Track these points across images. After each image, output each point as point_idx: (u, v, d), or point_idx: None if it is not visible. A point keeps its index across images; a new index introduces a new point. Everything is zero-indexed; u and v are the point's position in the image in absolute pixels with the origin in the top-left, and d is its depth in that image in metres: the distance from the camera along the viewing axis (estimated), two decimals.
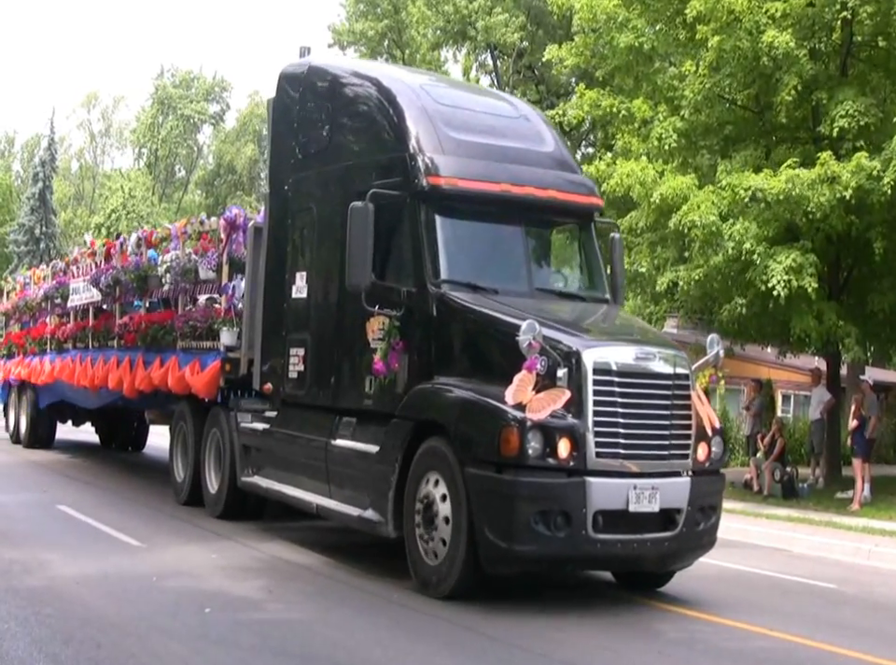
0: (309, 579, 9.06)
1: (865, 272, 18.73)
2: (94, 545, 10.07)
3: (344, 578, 9.11)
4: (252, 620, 7.42)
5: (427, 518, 8.41)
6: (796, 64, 16.81)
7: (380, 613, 7.97)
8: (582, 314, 9.27)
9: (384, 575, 9.13)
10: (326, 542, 10.70)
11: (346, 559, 9.82)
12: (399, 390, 8.99)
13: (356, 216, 8.94)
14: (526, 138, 10.06)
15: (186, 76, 74.90)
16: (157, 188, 74.54)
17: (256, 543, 10.49)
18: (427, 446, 8.49)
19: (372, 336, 9.19)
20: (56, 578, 8.46)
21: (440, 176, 9.05)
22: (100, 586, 8.30)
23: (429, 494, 8.39)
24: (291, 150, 10.89)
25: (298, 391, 10.55)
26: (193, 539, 10.59)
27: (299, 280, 10.53)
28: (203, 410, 12.60)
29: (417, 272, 8.99)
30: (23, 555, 9.32)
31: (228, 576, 8.84)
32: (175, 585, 8.45)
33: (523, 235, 9.53)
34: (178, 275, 12.87)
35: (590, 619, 8.08)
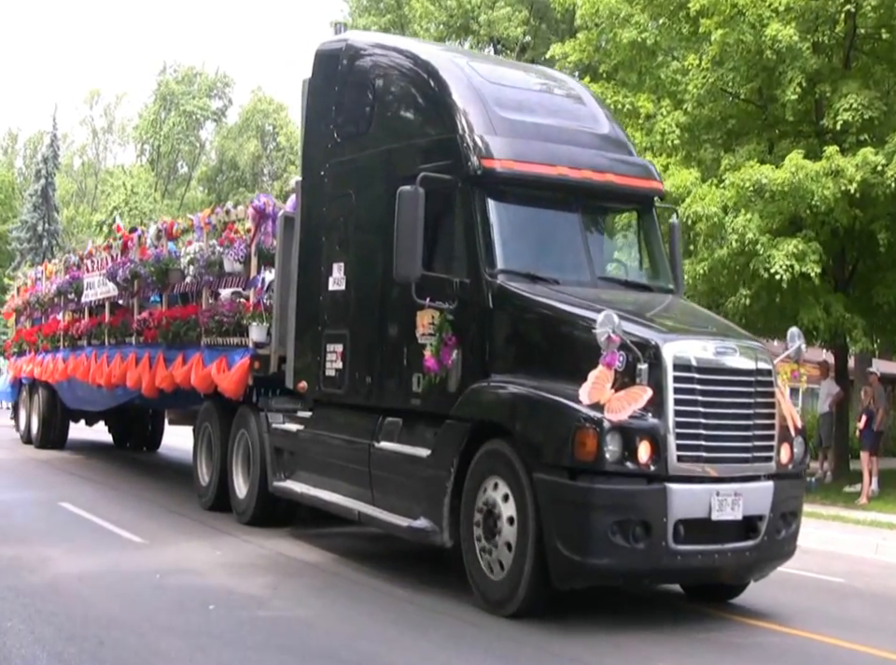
0: (313, 576, 8.99)
1: (870, 265, 18.83)
2: (97, 543, 10.02)
3: (349, 575, 9.02)
4: (256, 617, 7.38)
5: (489, 528, 7.75)
6: (799, 58, 16.81)
7: (385, 609, 7.86)
8: (651, 305, 8.58)
9: (388, 571, 9.08)
10: (330, 538, 10.53)
11: (350, 556, 9.75)
12: (452, 389, 8.32)
13: (404, 201, 8.27)
14: (580, 118, 9.40)
15: (188, 72, 74.70)
16: (159, 184, 74.33)
17: (260, 539, 10.38)
18: (488, 450, 7.83)
19: (422, 331, 8.51)
20: (59, 575, 8.42)
21: (493, 159, 8.38)
22: (103, 583, 8.26)
23: (491, 501, 7.73)
24: (328, 133, 10.20)
25: (335, 390, 9.87)
26: (196, 536, 10.54)
27: (336, 272, 9.84)
28: (230, 410, 11.94)
29: (471, 261, 8.31)
30: (26, 552, 9.29)
31: (231, 573, 8.78)
32: (178, 582, 8.39)
33: (581, 222, 8.85)
34: (203, 268, 12.18)
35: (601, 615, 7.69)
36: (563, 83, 10.18)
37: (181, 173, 79.08)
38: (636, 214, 9.44)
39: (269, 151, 74.83)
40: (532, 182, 8.53)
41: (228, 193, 69.99)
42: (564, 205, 8.81)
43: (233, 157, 73.26)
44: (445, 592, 8.37)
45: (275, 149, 74.63)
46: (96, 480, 14.98)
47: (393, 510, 8.79)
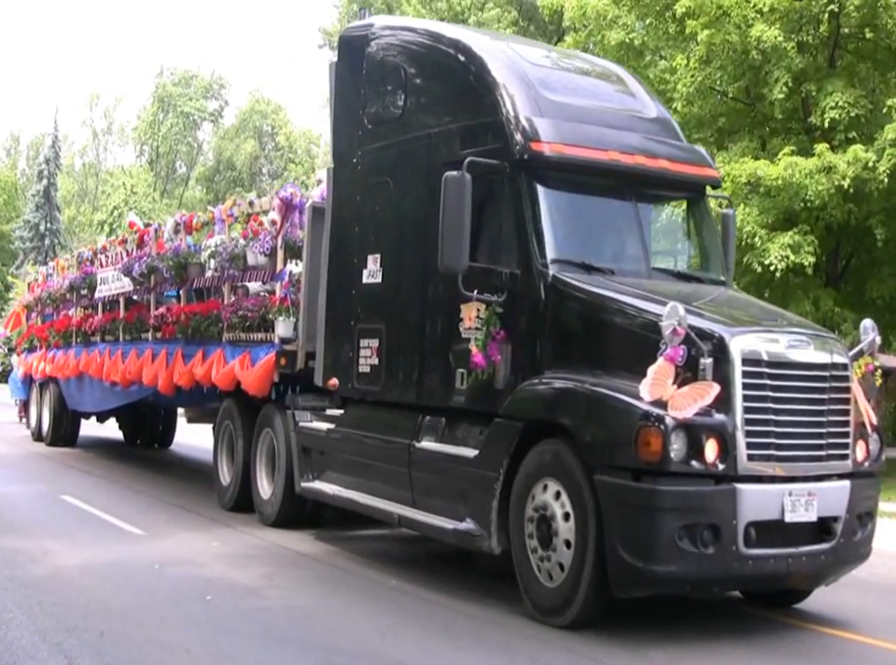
0: (309, 566, 9.05)
1: (865, 260, 18.91)
2: (97, 535, 10.11)
3: (344, 565, 9.05)
4: (253, 607, 7.44)
5: (543, 532, 7.31)
6: (785, 58, 17.01)
7: (380, 599, 7.91)
8: (712, 297, 8.12)
9: (383, 562, 9.13)
10: (324, 529, 10.52)
11: (345, 546, 9.78)
12: (500, 386, 7.88)
13: (451, 187, 7.82)
14: (627, 101, 8.97)
15: (185, 74, 74.93)
16: (158, 184, 74.41)
17: (256, 530, 10.50)
18: (542, 450, 7.38)
19: (469, 325, 8.06)
20: (59, 567, 8.50)
21: (541, 142, 7.91)
22: (103, 574, 8.33)
23: (546, 505, 7.28)
24: (358, 120, 9.74)
25: (370, 387, 9.41)
26: (194, 527, 10.64)
27: (371, 264, 9.38)
28: (253, 408, 11.50)
29: (521, 251, 7.87)
30: (27, 544, 9.37)
31: (228, 564, 8.86)
32: (176, 573, 8.48)
33: (633, 210, 8.38)
34: (225, 262, 11.72)
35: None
36: (604, 66, 9.76)
37: (179, 173, 79.33)
38: (687, 202, 8.98)
39: (267, 151, 74.78)
40: (583, 167, 8.08)
41: (225, 193, 69.96)
42: (615, 192, 8.36)
43: (230, 157, 73.44)
44: (440, 583, 8.35)
45: (274, 149, 74.54)
46: (96, 474, 14.99)
47: (435, 513, 8.35)
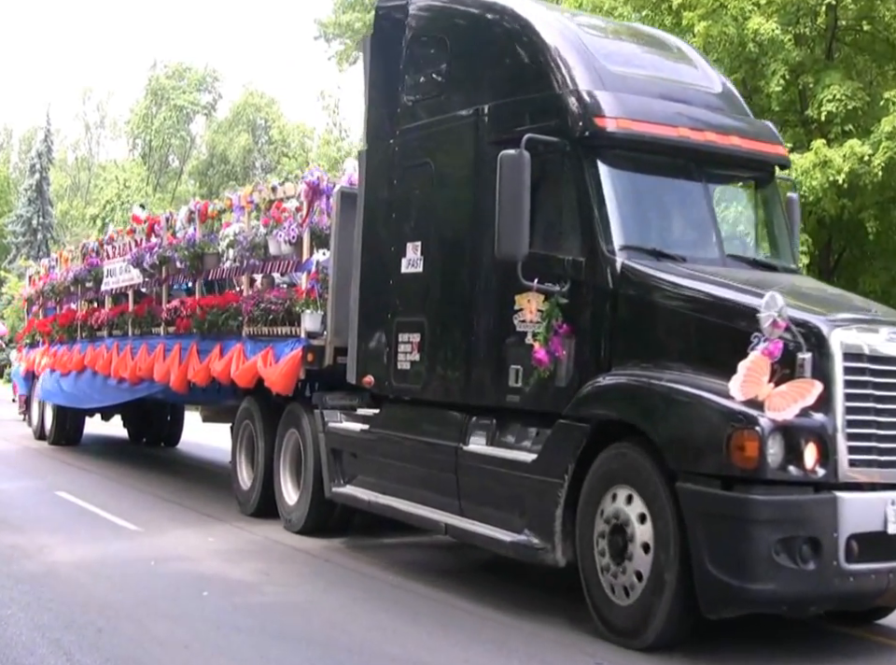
0: (305, 562, 9.00)
1: (857, 254, 18.85)
2: (93, 531, 10.09)
3: (340, 560, 9.02)
4: (250, 603, 7.44)
5: (616, 545, 6.62)
6: (782, 50, 16.86)
7: (377, 595, 7.86)
8: (794, 286, 7.44)
9: (379, 557, 9.07)
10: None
11: (341, 542, 9.69)
12: (562, 384, 7.19)
13: (508, 168, 7.13)
14: (691, 74, 8.26)
15: (178, 67, 74.21)
16: (151, 178, 73.58)
17: (252, 526, 10.47)
18: (614, 454, 6.70)
19: (529, 318, 7.37)
20: (56, 563, 8.49)
21: (605, 117, 7.23)
22: (100, 570, 8.32)
23: (620, 515, 6.60)
24: (396, 97, 9.00)
25: (411, 385, 8.71)
26: (190, 523, 10.63)
27: (411, 252, 8.67)
28: (275, 407, 10.80)
29: (586, 237, 7.18)
30: (23, 540, 9.37)
31: (225, 560, 8.85)
32: (173, 568, 8.47)
33: (703, 191, 7.71)
34: (245, 251, 11.00)
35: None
36: (664, 37, 9.08)
37: (172, 167, 78.40)
38: (755, 183, 8.30)
39: (260, 145, 74.08)
40: (650, 144, 7.39)
41: (219, 187, 69.33)
42: (684, 172, 7.67)
43: (224, 151, 72.73)
44: (438, 579, 8.30)
45: (267, 143, 73.83)
46: (92, 470, 14.86)
47: (487, 522, 7.67)
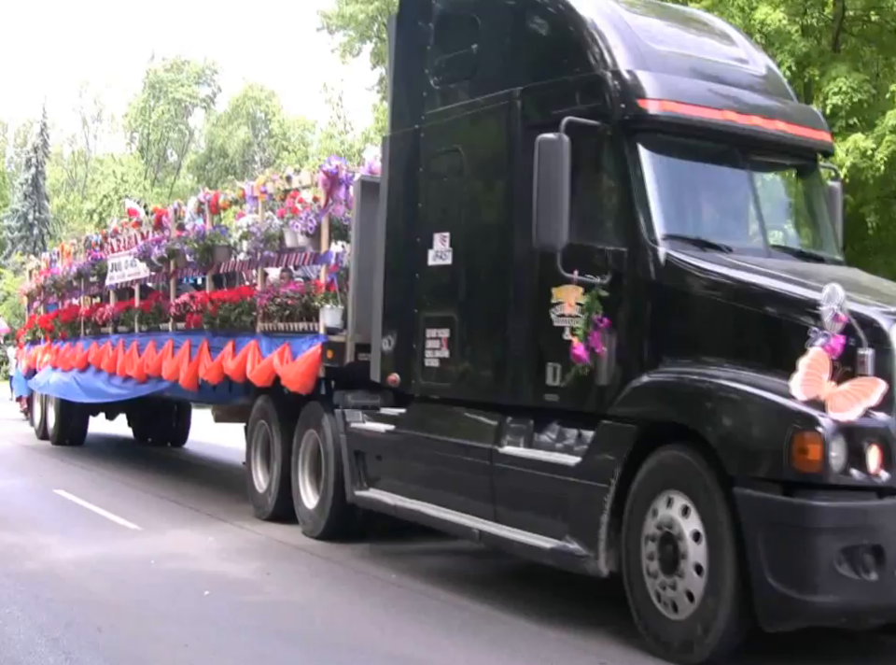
0: (305, 561, 8.95)
1: (857, 249, 18.63)
2: (92, 529, 10.06)
3: (340, 559, 8.96)
4: (251, 602, 7.41)
5: (666, 555, 6.22)
6: (788, 41, 16.63)
7: (377, 593, 7.82)
8: (849, 278, 7.02)
9: (379, 556, 9.03)
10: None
11: (341, 540, 9.51)
12: (603, 382, 6.79)
13: (546, 153, 6.73)
14: (734, 55, 7.85)
15: (177, 60, 74.05)
16: (149, 172, 73.20)
17: (251, 525, 10.43)
18: (664, 458, 6.30)
19: (569, 311, 6.96)
20: (55, 562, 8.48)
21: (649, 99, 6.83)
22: (99, 569, 8.29)
23: (670, 522, 6.20)
24: (423, 81, 8.58)
25: (439, 384, 8.31)
26: (189, 522, 10.58)
27: (439, 243, 8.26)
28: (292, 406, 10.39)
29: (627, 226, 6.79)
30: (22, 539, 9.36)
31: (225, 559, 8.83)
32: (173, 568, 8.44)
33: (748, 178, 7.32)
34: (260, 243, 10.58)
35: None
36: (705, 17, 8.70)
37: (171, 161, 77.99)
38: (798, 170, 7.89)
39: (260, 138, 73.70)
40: (695, 128, 6.98)
41: (217, 181, 68.93)
42: (727, 158, 7.28)
43: (222, 145, 72.45)
44: (439, 578, 8.29)
45: (267, 136, 73.45)
46: (89, 468, 14.78)
47: (524, 528, 7.27)
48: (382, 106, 40.34)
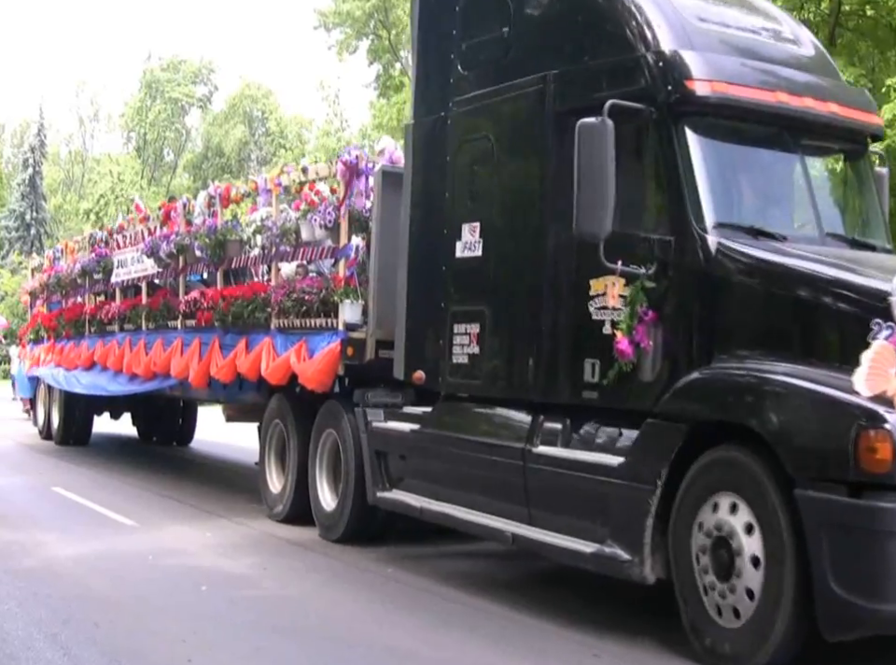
0: (302, 556, 8.99)
1: None
2: (90, 526, 10.05)
3: (336, 554, 8.97)
4: (248, 597, 7.42)
5: (720, 560, 5.88)
6: None
7: (374, 588, 7.82)
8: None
9: (376, 550, 8.99)
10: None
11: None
12: (648, 378, 6.45)
13: (588, 137, 6.38)
14: (781, 34, 7.50)
15: (173, 59, 73.82)
16: (146, 172, 72.82)
17: (248, 520, 10.44)
18: (717, 458, 5.96)
19: (613, 303, 6.61)
20: (53, 559, 8.49)
21: (697, 80, 6.47)
22: (97, 566, 8.31)
23: (723, 525, 5.86)
24: (449, 66, 8.23)
25: (468, 381, 7.96)
26: (186, 518, 10.59)
27: (468, 234, 7.90)
28: (309, 405, 10.04)
29: (674, 214, 6.44)
30: (20, 536, 9.38)
31: (222, 554, 8.85)
32: (170, 563, 8.44)
33: (800, 163, 6.99)
34: (275, 237, 10.23)
35: None
36: None
37: (167, 160, 77.62)
38: (845, 155, 7.54)
39: (257, 137, 73.42)
40: (745, 110, 6.64)
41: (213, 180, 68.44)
42: (777, 142, 6.94)
43: (219, 143, 72.20)
44: (436, 572, 8.29)
45: (264, 135, 73.17)
46: (87, 466, 14.78)
47: (561, 531, 6.92)
48: (379, 102, 40.32)
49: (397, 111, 35.86)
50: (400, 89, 38.07)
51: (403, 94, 36.31)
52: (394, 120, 35.58)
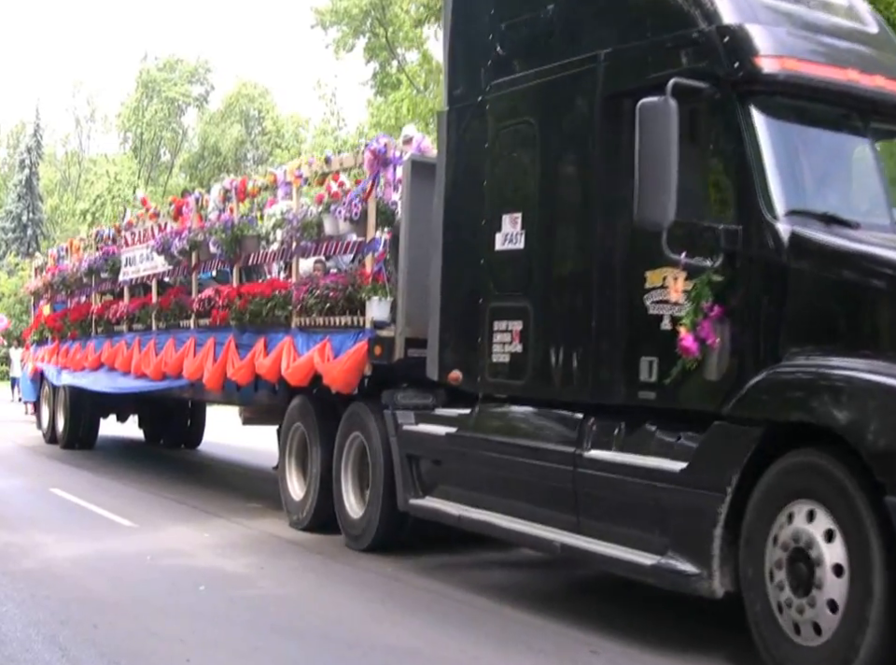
0: (300, 555, 8.96)
1: None
2: (88, 527, 10.03)
3: (333, 553, 8.95)
4: (246, 597, 7.41)
5: (797, 574, 5.43)
6: None
7: (372, 587, 7.79)
8: None
9: (373, 549, 8.83)
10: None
11: (335, 534, 9.38)
12: (713, 377, 5.99)
13: (651, 119, 5.93)
14: (847, 12, 7.02)
15: (170, 59, 73.45)
16: (142, 172, 72.42)
17: (246, 520, 10.45)
18: (795, 463, 5.51)
19: (675, 297, 6.15)
20: (52, 560, 8.47)
21: (765, 56, 6.04)
22: (95, 567, 8.30)
23: (801, 535, 5.41)
24: (487, 47, 7.76)
25: (511, 381, 7.49)
26: (184, 518, 10.56)
27: (509, 225, 7.45)
28: (331, 406, 9.60)
29: (743, 201, 6.00)
30: (19, 538, 9.37)
31: (219, 554, 8.83)
32: (168, 564, 8.43)
33: (870, 146, 6.53)
34: (296, 231, 9.76)
35: None
36: None
37: (164, 160, 77.20)
38: None
39: (253, 136, 73.08)
40: (815, 89, 6.18)
41: (210, 179, 68.21)
42: (847, 123, 6.49)
43: (216, 143, 71.75)
44: (433, 571, 8.25)
45: (261, 134, 72.82)
46: (85, 467, 14.66)
47: (614, 541, 6.48)
48: (376, 100, 40.10)
49: (394, 110, 35.64)
50: (398, 86, 37.93)
51: (401, 92, 36.18)
52: (391, 119, 35.35)
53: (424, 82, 38.15)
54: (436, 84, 37.27)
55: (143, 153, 74.39)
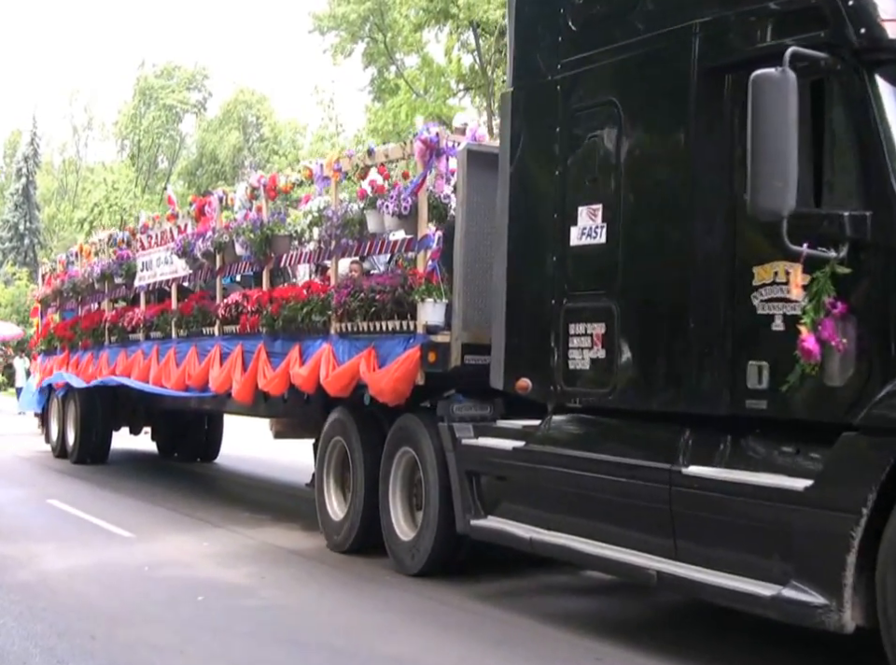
0: (300, 564, 8.92)
1: None
2: (86, 538, 9.99)
3: (334, 562, 8.90)
4: (245, 607, 7.36)
5: None
6: None
7: (372, 596, 7.76)
8: None
9: (374, 558, 8.76)
10: (313, 526, 9.90)
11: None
12: (838, 382, 5.32)
13: (767, 92, 5.27)
14: None
15: (167, 66, 73.30)
16: (140, 180, 71.95)
17: (245, 529, 10.34)
18: None
19: (795, 294, 5.43)
20: (49, 571, 8.44)
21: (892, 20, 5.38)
22: (93, 577, 8.26)
23: None
24: (558, 22, 7.08)
25: (592, 390, 6.78)
26: (183, 528, 10.48)
27: (587, 218, 6.75)
28: (375, 419, 8.90)
29: (873, 183, 5.32)
30: (15, 549, 9.32)
31: (219, 564, 8.77)
32: (167, 574, 8.39)
33: None
34: (336, 229, 9.05)
35: None
36: None
37: (161, 167, 76.73)
38: None
39: (251, 143, 72.69)
40: None
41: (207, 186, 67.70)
42: None
43: (213, 150, 71.48)
44: (435, 578, 8.08)
45: (258, 141, 72.44)
46: (80, 476, 14.54)
47: (719, 569, 5.78)
48: (374, 106, 39.79)
49: (392, 115, 35.39)
50: (396, 92, 37.67)
51: (399, 97, 35.89)
52: (389, 124, 35.01)
53: (424, 86, 37.82)
54: (436, 87, 37.14)
55: (140, 161, 74.08)
